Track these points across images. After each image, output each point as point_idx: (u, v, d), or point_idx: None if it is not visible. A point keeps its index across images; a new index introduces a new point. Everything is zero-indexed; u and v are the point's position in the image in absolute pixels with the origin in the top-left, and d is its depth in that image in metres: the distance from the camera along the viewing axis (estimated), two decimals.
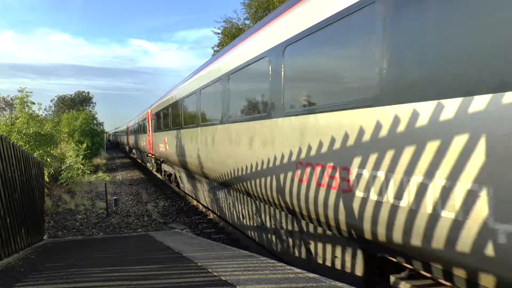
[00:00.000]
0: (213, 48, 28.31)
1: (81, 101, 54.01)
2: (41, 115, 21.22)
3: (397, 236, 3.03)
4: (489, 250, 2.32)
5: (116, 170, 28.00)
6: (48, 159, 14.90)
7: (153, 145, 18.06)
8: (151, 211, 12.82)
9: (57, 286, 3.94)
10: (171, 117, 12.85)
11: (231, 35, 24.65)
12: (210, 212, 10.79)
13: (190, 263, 4.71)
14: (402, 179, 2.91)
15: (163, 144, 14.60)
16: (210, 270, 4.17)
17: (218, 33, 26.46)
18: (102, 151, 39.27)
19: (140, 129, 25.25)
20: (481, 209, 2.35)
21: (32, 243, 7.24)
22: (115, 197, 14.25)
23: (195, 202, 12.93)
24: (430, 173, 2.68)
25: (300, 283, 3.47)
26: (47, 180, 14.24)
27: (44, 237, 8.90)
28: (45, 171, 12.24)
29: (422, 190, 2.74)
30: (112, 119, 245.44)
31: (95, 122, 30.93)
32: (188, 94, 10.22)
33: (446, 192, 2.57)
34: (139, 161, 31.81)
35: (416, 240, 2.85)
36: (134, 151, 34.82)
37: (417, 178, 2.78)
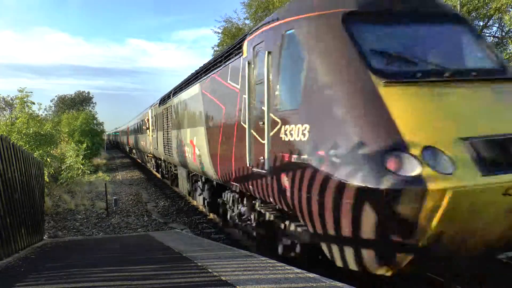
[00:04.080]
0: (213, 48, 28.29)
1: (81, 101, 54.01)
2: (41, 115, 21.24)
3: None
4: None
5: (116, 170, 28.00)
6: (48, 159, 14.90)
7: None
8: (151, 211, 12.82)
9: (57, 286, 3.94)
10: None
11: (231, 35, 24.65)
12: (210, 212, 10.77)
13: (190, 263, 4.71)
14: None
15: None
16: (210, 270, 4.18)
17: (218, 33, 26.49)
18: (102, 151, 39.29)
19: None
20: None
21: (32, 243, 7.25)
22: (115, 197, 14.26)
23: (195, 202, 12.92)
24: None
25: (300, 283, 3.48)
26: (47, 180, 14.23)
27: (44, 237, 8.90)
28: (45, 171, 12.25)
29: None
30: (112, 119, 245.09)
31: (95, 122, 30.95)
32: None
33: None
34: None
35: None
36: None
37: None
